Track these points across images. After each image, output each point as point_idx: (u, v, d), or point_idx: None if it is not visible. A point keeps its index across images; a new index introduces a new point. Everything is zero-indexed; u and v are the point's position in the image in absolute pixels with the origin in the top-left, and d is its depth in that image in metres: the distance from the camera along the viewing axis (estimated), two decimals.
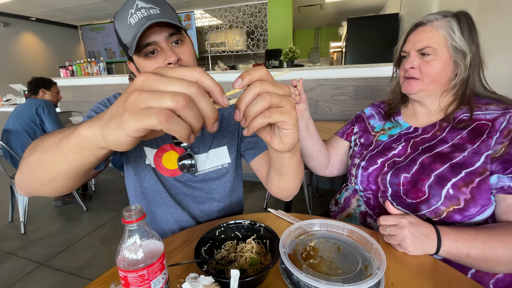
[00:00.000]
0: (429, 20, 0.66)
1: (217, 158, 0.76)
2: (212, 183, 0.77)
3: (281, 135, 0.36)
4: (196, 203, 0.76)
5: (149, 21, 0.56)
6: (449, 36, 0.63)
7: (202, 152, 0.75)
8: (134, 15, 0.58)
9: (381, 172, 0.72)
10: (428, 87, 0.68)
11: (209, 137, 0.76)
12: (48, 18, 5.65)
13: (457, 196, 0.59)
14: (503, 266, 0.53)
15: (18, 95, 4.13)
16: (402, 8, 3.16)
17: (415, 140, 0.71)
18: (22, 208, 1.99)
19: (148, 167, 0.72)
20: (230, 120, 0.79)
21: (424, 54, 0.66)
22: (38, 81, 2.20)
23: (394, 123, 0.79)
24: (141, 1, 0.59)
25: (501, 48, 1.14)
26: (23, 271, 1.60)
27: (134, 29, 0.58)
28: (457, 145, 0.63)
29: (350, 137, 0.91)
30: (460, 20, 0.63)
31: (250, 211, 2.20)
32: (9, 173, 2.03)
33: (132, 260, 0.38)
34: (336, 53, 6.74)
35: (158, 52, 0.62)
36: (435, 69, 0.65)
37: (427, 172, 0.63)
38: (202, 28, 5.55)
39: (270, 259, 0.53)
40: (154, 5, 0.60)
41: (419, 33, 0.67)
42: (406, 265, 0.52)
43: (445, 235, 0.55)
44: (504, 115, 0.60)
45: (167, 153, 0.73)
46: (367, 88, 2.25)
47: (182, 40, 0.64)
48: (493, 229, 0.56)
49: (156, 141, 0.73)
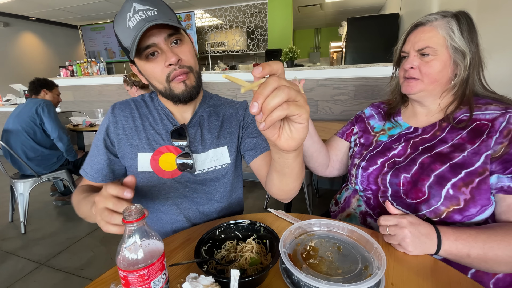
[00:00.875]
0: (428, 20, 0.66)
1: (217, 158, 0.76)
2: (211, 183, 0.76)
3: (293, 130, 0.36)
4: (196, 204, 0.76)
5: (147, 24, 0.56)
6: (448, 36, 0.63)
7: (201, 151, 0.75)
8: (132, 18, 0.58)
9: (381, 172, 0.72)
10: (428, 87, 0.68)
11: (209, 137, 0.76)
12: (48, 18, 5.65)
13: (457, 196, 0.59)
14: (503, 266, 0.53)
15: (18, 95, 4.13)
16: (402, 8, 3.16)
17: (415, 140, 0.71)
18: (22, 208, 1.99)
19: (141, 175, 0.72)
20: (231, 121, 0.79)
21: (423, 55, 0.66)
22: (41, 81, 2.20)
23: (394, 123, 0.79)
24: (138, 3, 0.59)
25: (501, 48, 1.14)
26: (23, 271, 1.60)
27: (133, 32, 0.58)
28: (457, 145, 0.63)
29: (350, 138, 0.91)
30: (460, 20, 0.63)
31: (250, 211, 2.21)
32: (9, 173, 2.03)
33: (132, 260, 0.38)
34: (336, 53, 6.74)
35: (158, 54, 0.62)
36: (434, 69, 0.65)
37: (427, 172, 0.63)
38: (202, 28, 5.55)
39: (270, 259, 0.53)
40: (151, 7, 0.59)
41: (419, 33, 0.67)
42: (406, 265, 0.52)
43: (445, 235, 0.55)
44: (503, 115, 0.60)
45: (164, 155, 0.72)
46: (367, 88, 2.25)
47: (181, 40, 0.64)
48: (493, 229, 0.56)
49: (150, 144, 0.73)
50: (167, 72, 0.63)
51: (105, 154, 0.72)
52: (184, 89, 0.66)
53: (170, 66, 0.63)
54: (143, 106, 0.77)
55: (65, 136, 2.13)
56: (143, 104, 0.77)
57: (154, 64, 0.63)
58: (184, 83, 0.66)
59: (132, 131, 0.73)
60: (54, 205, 2.46)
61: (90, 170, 0.73)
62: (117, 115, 0.74)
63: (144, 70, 0.66)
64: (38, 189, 2.61)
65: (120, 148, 0.73)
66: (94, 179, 0.73)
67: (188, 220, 0.75)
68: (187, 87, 0.66)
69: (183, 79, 0.65)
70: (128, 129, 0.73)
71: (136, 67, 0.68)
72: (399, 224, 0.55)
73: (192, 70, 0.67)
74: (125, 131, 0.73)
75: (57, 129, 2.08)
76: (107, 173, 0.73)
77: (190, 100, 0.69)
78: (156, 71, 0.64)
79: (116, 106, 0.76)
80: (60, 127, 2.12)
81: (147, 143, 0.72)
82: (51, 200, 2.53)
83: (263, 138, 0.78)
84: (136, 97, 0.79)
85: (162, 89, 0.67)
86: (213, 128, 0.77)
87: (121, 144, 0.73)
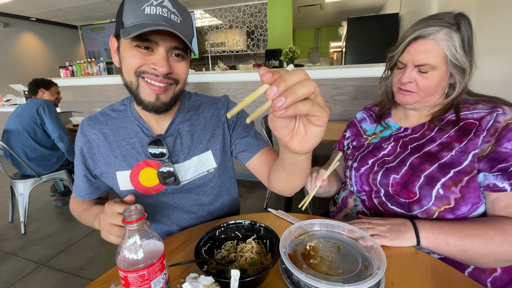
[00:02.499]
0: (430, 33, 0.62)
1: (202, 164, 0.72)
2: (199, 189, 0.73)
3: (309, 133, 0.33)
4: (186, 212, 0.74)
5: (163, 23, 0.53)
6: (449, 52, 0.61)
7: (183, 160, 0.70)
8: (153, 7, 0.53)
9: (371, 172, 0.73)
10: (422, 100, 0.68)
11: (191, 144, 0.71)
12: (48, 18, 5.65)
13: (447, 195, 0.60)
14: (484, 257, 0.54)
15: (18, 95, 4.13)
16: (402, 8, 3.16)
17: (404, 140, 0.72)
18: (22, 209, 1.99)
19: (124, 193, 0.69)
20: (212, 122, 0.74)
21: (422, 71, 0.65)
22: (37, 81, 2.20)
23: (385, 125, 0.80)
24: (169, 1, 0.55)
25: (501, 48, 1.14)
26: (23, 271, 1.60)
27: (145, 19, 0.53)
28: (445, 144, 0.64)
29: (342, 145, 0.93)
30: (461, 29, 0.61)
31: (250, 211, 2.20)
32: (9, 173, 2.03)
33: (132, 260, 0.38)
34: (336, 53, 6.74)
35: (151, 53, 0.57)
36: (431, 84, 0.65)
37: (417, 173, 0.64)
38: (202, 28, 5.55)
39: (270, 259, 0.53)
40: (178, 14, 0.56)
41: (419, 46, 0.64)
42: (406, 265, 0.52)
43: (420, 222, 0.59)
44: (491, 113, 0.60)
45: (143, 170, 0.68)
46: (367, 88, 2.25)
47: (183, 57, 0.61)
48: (471, 220, 0.59)
49: (127, 161, 0.67)
50: (144, 69, 0.57)
51: (84, 176, 0.70)
52: (153, 100, 0.59)
53: (153, 70, 0.57)
54: (113, 119, 0.70)
55: (66, 136, 2.13)
56: (114, 115, 0.71)
57: (139, 58, 0.56)
58: (156, 96, 0.59)
59: (106, 149, 0.68)
60: (54, 205, 2.46)
61: (76, 188, 0.72)
62: (87, 134, 0.69)
63: (124, 53, 0.58)
64: (38, 189, 2.61)
65: (97, 168, 0.69)
66: (81, 196, 0.72)
67: (182, 228, 0.74)
68: (158, 101, 0.60)
69: (159, 92, 0.59)
70: (102, 147, 0.68)
71: (117, 44, 0.60)
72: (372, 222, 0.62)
73: (178, 83, 0.62)
74: (100, 150, 0.68)
75: (58, 129, 2.08)
76: (92, 191, 0.72)
77: (154, 112, 0.62)
78: (134, 61, 0.56)
79: (85, 123, 0.70)
80: (61, 127, 2.12)
81: (123, 161, 0.67)
82: (51, 200, 2.53)
83: (253, 136, 0.74)
84: (104, 109, 0.73)
85: (128, 82, 0.60)
86: (195, 134, 0.72)
87: (97, 164, 0.69)
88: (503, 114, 0.59)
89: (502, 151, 0.57)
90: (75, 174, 0.73)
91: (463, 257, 0.56)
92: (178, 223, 0.74)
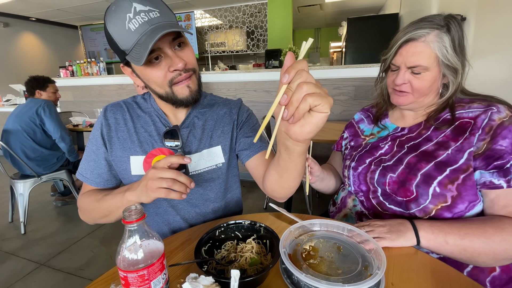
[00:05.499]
0: (420, 35, 0.64)
1: (211, 158, 0.75)
2: (206, 184, 0.75)
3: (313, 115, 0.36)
4: (191, 206, 0.75)
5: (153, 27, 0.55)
6: (440, 53, 0.62)
7: (195, 151, 0.73)
8: (134, 20, 0.54)
9: (368, 171, 0.74)
10: (417, 100, 0.69)
11: (203, 137, 0.75)
12: (48, 18, 5.65)
13: (443, 193, 0.61)
14: (483, 256, 0.55)
15: (18, 95, 4.14)
16: (402, 8, 3.16)
17: (401, 139, 0.73)
18: (22, 209, 1.99)
19: (135, 178, 0.70)
20: (224, 120, 0.78)
21: (414, 72, 0.66)
22: (32, 82, 2.13)
23: (382, 127, 0.80)
24: (139, 3, 0.55)
25: (501, 48, 1.14)
26: (23, 272, 1.60)
27: (136, 36, 0.55)
28: (441, 143, 0.65)
29: (340, 145, 0.94)
30: (451, 31, 0.62)
31: (250, 211, 2.20)
32: (9, 173, 2.03)
33: (132, 260, 0.38)
34: (336, 53, 6.73)
35: (162, 58, 0.60)
36: (425, 85, 0.66)
37: (414, 172, 0.65)
38: (202, 28, 5.55)
39: (270, 259, 0.54)
40: (153, 7, 0.56)
41: (411, 48, 0.65)
42: (406, 265, 0.52)
43: (418, 222, 0.60)
44: (485, 112, 0.61)
45: (156, 157, 0.71)
46: (367, 88, 2.26)
47: (184, 42, 0.63)
48: (470, 219, 0.59)
49: (143, 147, 0.71)
50: (170, 77, 0.62)
51: (105, 159, 0.71)
52: (188, 93, 0.65)
53: (175, 71, 0.61)
54: (135, 108, 0.76)
55: (67, 136, 2.13)
56: (135, 105, 0.76)
57: (157, 69, 0.60)
58: (188, 88, 0.64)
59: (124, 133, 0.72)
60: (54, 205, 2.46)
61: (90, 175, 0.72)
62: (109, 118, 0.73)
63: (143, 74, 0.63)
64: (38, 189, 2.61)
65: (112, 151, 0.71)
66: (96, 184, 0.72)
67: (186, 220, 0.75)
68: (191, 91, 0.65)
69: (187, 83, 0.64)
70: (120, 131, 0.72)
71: (130, 69, 0.65)
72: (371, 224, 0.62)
73: (195, 71, 0.66)
74: (117, 134, 0.72)
75: (59, 129, 2.08)
76: (109, 178, 0.73)
77: (194, 104, 0.68)
78: (158, 76, 0.61)
79: (108, 108, 0.74)
80: (62, 127, 2.11)
81: (139, 146, 0.71)
82: (51, 200, 2.53)
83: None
84: (127, 99, 0.78)
85: (163, 94, 0.65)
86: (207, 128, 0.76)
87: (113, 147, 0.71)
88: (497, 112, 0.60)
89: (498, 149, 0.57)
90: (87, 161, 0.72)
91: (462, 256, 0.56)
92: (182, 215, 0.75)
